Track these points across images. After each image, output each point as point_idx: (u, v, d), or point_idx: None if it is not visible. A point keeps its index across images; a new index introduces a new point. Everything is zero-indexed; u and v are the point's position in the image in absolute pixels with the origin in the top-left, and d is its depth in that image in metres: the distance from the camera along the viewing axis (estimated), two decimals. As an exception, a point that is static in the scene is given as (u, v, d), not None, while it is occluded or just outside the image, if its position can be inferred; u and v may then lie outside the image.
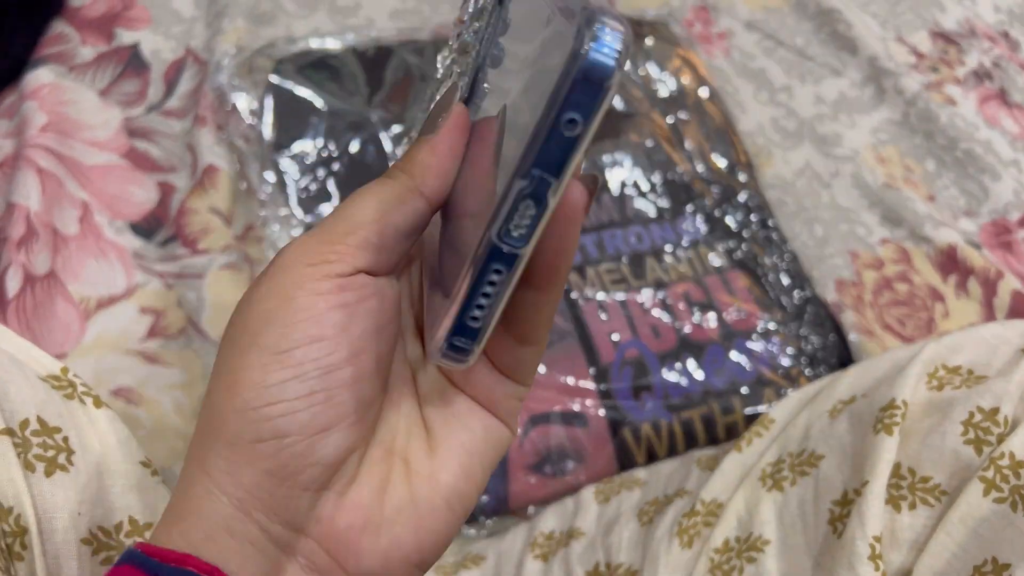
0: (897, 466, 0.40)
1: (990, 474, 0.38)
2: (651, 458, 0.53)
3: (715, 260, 0.60)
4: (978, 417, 0.40)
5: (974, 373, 0.43)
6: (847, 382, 0.46)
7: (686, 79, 0.68)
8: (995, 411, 0.39)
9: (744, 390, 0.55)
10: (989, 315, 0.64)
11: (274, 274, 0.24)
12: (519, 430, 0.51)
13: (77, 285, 0.53)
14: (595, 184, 0.26)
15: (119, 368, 0.51)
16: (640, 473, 0.50)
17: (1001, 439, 0.39)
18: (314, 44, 0.61)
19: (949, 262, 0.66)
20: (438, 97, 0.28)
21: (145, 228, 0.56)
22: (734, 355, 0.56)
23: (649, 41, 0.68)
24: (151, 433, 0.49)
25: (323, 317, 0.24)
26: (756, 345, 0.57)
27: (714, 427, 0.54)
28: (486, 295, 0.23)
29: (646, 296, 0.57)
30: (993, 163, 0.71)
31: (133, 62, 0.63)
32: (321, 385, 0.23)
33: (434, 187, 0.26)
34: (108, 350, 0.51)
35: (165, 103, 0.62)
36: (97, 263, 0.54)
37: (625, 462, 0.52)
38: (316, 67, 0.60)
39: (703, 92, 0.67)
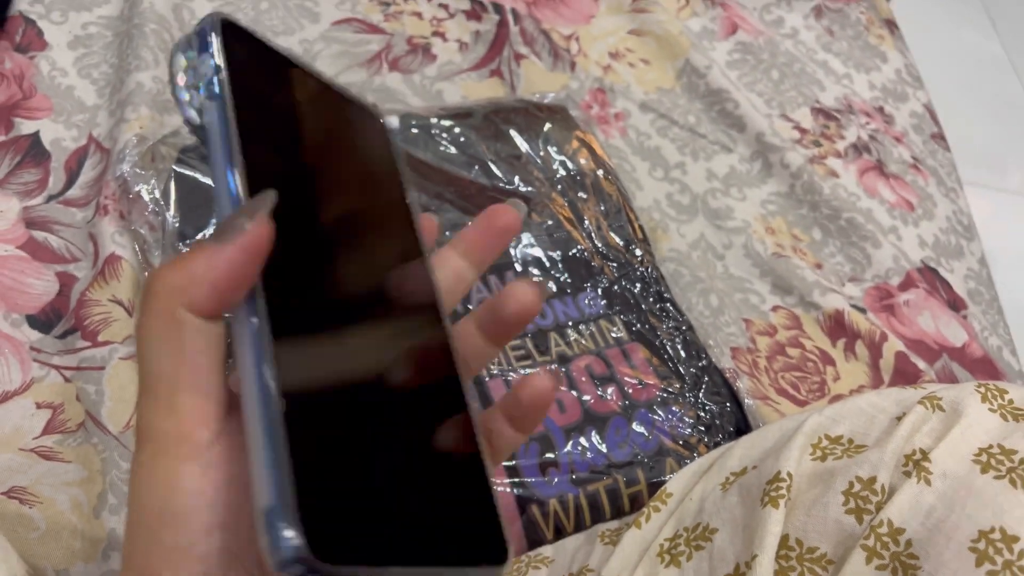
0: (785, 538, 0.42)
1: (871, 542, 0.40)
2: (559, 533, 0.54)
3: (615, 333, 0.62)
4: (857, 487, 0.42)
5: (854, 442, 0.45)
6: (738, 453, 0.49)
7: (584, 160, 0.71)
8: (872, 480, 0.42)
9: (646, 460, 0.57)
10: (876, 376, 0.67)
11: (148, 461, 0.23)
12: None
13: (-31, 382, 0.52)
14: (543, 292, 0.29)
15: (12, 467, 0.50)
16: (547, 551, 0.51)
17: (879, 507, 0.41)
18: (218, 132, 0.62)
19: (837, 327, 0.69)
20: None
21: (43, 320, 0.56)
22: (636, 426, 0.58)
23: (548, 125, 0.71)
24: (46, 534, 0.48)
25: (211, 499, 0.23)
26: (656, 415, 0.59)
27: (619, 499, 0.55)
28: None
29: (551, 372, 0.59)
30: (874, 231, 0.76)
31: (33, 151, 0.62)
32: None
33: (210, 307, 0.24)
34: (1, 449, 0.50)
35: (66, 192, 0.61)
36: (-9, 358, 0.53)
37: (533, 539, 0.53)
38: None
39: (600, 172, 0.70)
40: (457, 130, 0.69)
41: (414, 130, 0.68)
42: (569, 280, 0.64)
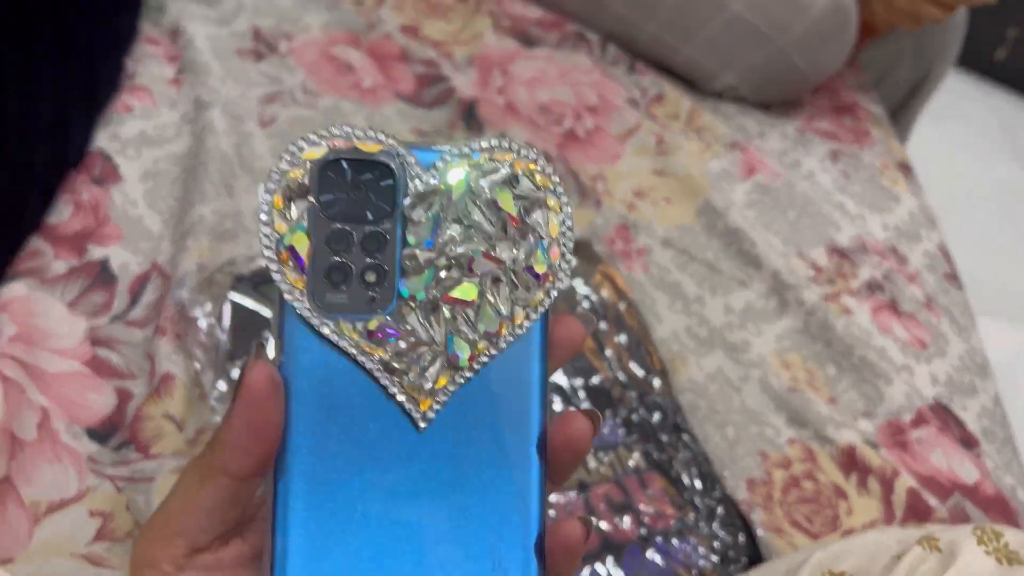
0: (788, 671, 0.44)
1: (870, 678, 0.42)
2: (573, 659, 0.55)
3: (633, 462, 0.65)
4: (857, 622, 0.44)
5: (855, 579, 0.48)
6: (746, 586, 0.51)
7: (606, 292, 0.75)
8: (871, 617, 0.44)
9: (661, 589, 0.59)
10: (889, 512, 0.69)
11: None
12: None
13: (29, 489, 0.56)
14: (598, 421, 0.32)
15: (63, 572, 0.53)
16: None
17: (878, 643, 0.43)
18: (270, 263, 0.68)
19: (850, 461, 0.72)
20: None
21: (101, 433, 0.60)
22: (651, 555, 0.60)
23: (574, 260, 0.76)
24: (90, 639, 0.51)
25: None
26: (672, 545, 0.61)
27: (633, 626, 0.57)
28: None
29: (570, 498, 0.62)
30: (887, 368, 0.79)
31: (102, 275, 0.69)
32: None
33: (237, 466, 0.27)
34: (54, 554, 0.54)
35: (128, 313, 0.67)
36: (51, 467, 0.57)
37: (549, 663, 0.55)
38: (272, 284, 0.67)
39: (622, 304, 0.75)
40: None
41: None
42: (590, 408, 0.67)
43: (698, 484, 0.65)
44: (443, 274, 0.29)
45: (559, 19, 1.09)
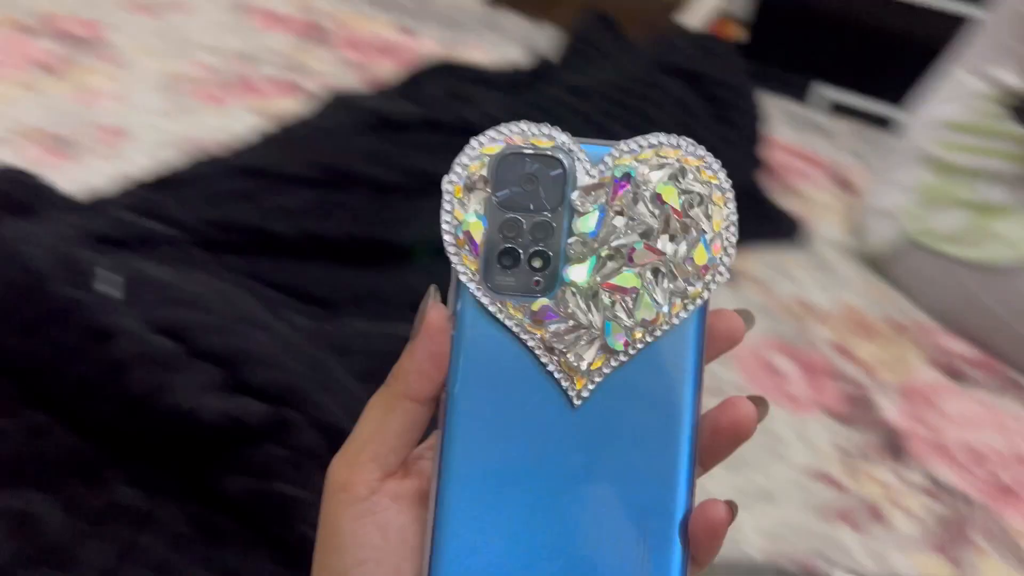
0: None
1: None
2: None
3: None
4: None
5: None
6: None
7: None
8: None
9: None
10: None
11: (324, 501, 0.31)
12: None
13: None
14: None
15: None
16: None
17: None
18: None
19: None
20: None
21: None
22: None
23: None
24: None
25: (363, 539, 0.30)
26: None
27: None
28: None
29: None
30: None
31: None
32: None
33: (419, 389, 0.31)
34: None
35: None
36: None
37: None
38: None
39: None
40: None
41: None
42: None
43: None
44: (605, 263, 0.31)
45: (991, 360, 1.08)
